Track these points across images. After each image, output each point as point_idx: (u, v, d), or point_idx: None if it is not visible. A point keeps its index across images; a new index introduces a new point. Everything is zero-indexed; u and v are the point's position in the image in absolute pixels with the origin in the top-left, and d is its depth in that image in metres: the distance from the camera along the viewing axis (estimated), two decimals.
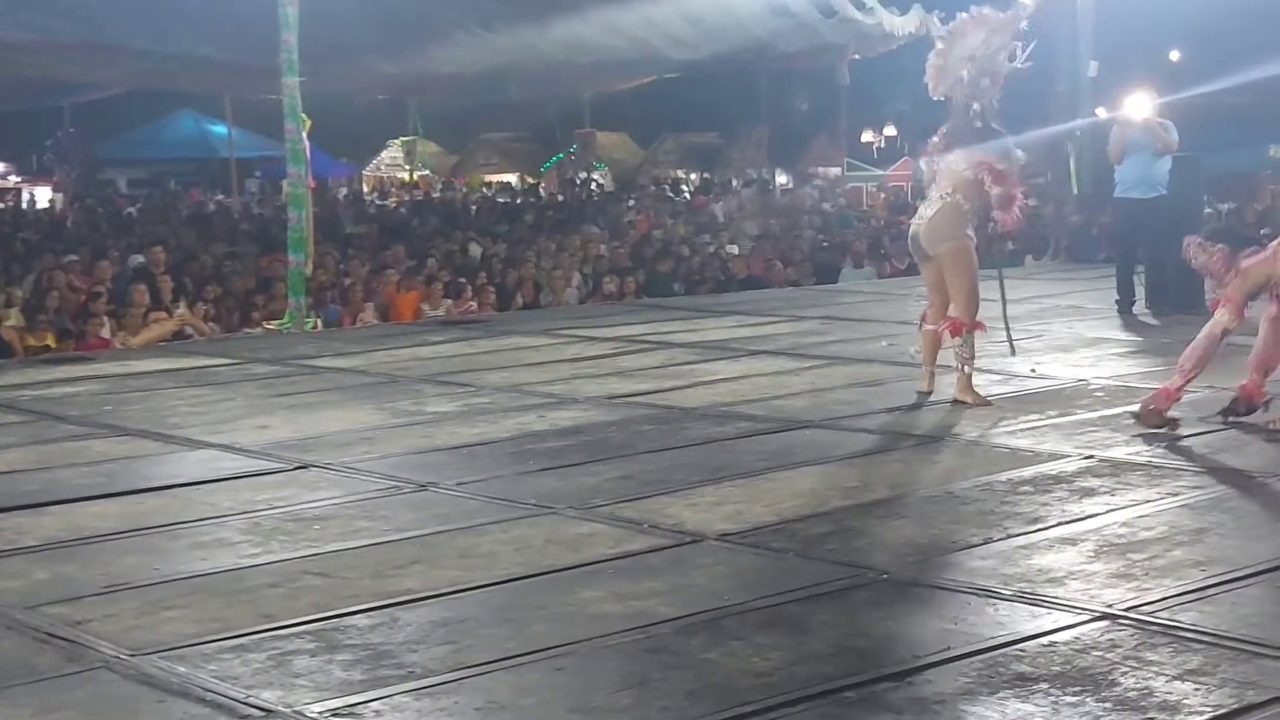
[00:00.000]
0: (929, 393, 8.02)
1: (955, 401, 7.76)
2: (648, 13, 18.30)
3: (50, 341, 11.87)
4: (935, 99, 8.19)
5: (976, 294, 7.99)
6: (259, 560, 5.15)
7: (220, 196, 28.24)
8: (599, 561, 5.02)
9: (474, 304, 14.28)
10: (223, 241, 18.31)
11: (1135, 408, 7.12)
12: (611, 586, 4.72)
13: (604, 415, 7.80)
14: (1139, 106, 11.61)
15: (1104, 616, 4.30)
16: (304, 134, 12.42)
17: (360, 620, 4.46)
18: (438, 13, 18.40)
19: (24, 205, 29.62)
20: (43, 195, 32.70)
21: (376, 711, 3.78)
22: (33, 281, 14.25)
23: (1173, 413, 7.01)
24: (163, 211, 24.13)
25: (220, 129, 29.72)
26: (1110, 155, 11.92)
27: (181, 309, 12.53)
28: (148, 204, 26.20)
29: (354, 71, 20.73)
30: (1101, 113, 18.59)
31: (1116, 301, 11.57)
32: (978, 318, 7.93)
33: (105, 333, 12.19)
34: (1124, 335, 10.50)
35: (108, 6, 16.41)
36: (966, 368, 7.81)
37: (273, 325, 12.49)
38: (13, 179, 38.21)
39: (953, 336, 7.83)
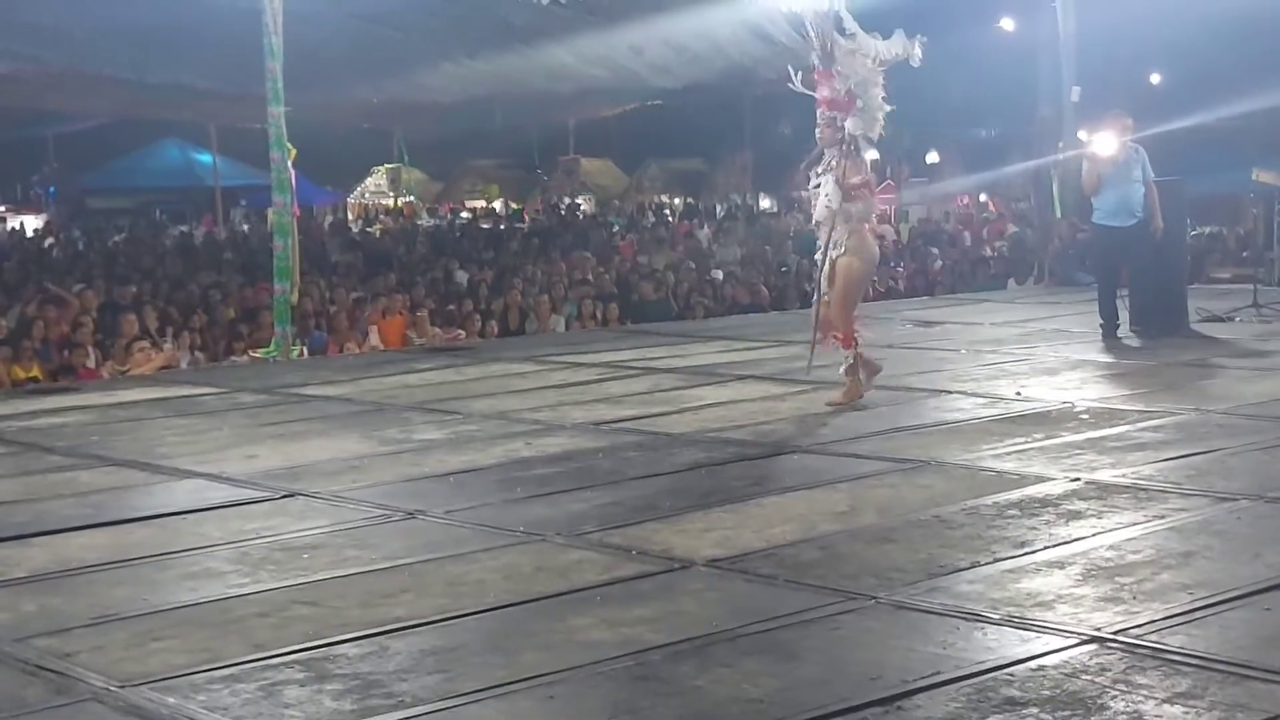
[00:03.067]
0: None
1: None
2: (631, 40, 18.37)
3: (36, 373, 11.86)
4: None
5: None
6: (248, 590, 5.14)
7: (207, 228, 28.19)
8: (588, 589, 5.02)
9: (462, 332, 14.30)
10: (208, 271, 18.29)
11: None
12: (601, 613, 4.72)
13: (591, 442, 7.80)
14: (1106, 143, 11.67)
15: (1093, 640, 4.31)
16: (289, 163, 12.43)
17: (350, 649, 4.45)
18: (422, 41, 18.44)
19: (9, 233, 29.53)
20: (28, 224, 32.62)
21: None
22: (17, 312, 14.22)
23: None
24: (149, 242, 24.10)
25: (205, 157, 29.76)
26: (1085, 188, 11.95)
27: (168, 345, 12.54)
28: (132, 234, 26.16)
29: (338, 99, 20.77)
30: (1084, 136, 18.70)
31: (1100, 326, 11.62)
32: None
33: (90, 363, 12.18)
34: (1108, 358, 10.53)
35: (92, 36, 16.44)
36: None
37: (259, 354, 12.48)
38: None
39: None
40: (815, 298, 8.90)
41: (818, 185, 8.56)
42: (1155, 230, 11.52)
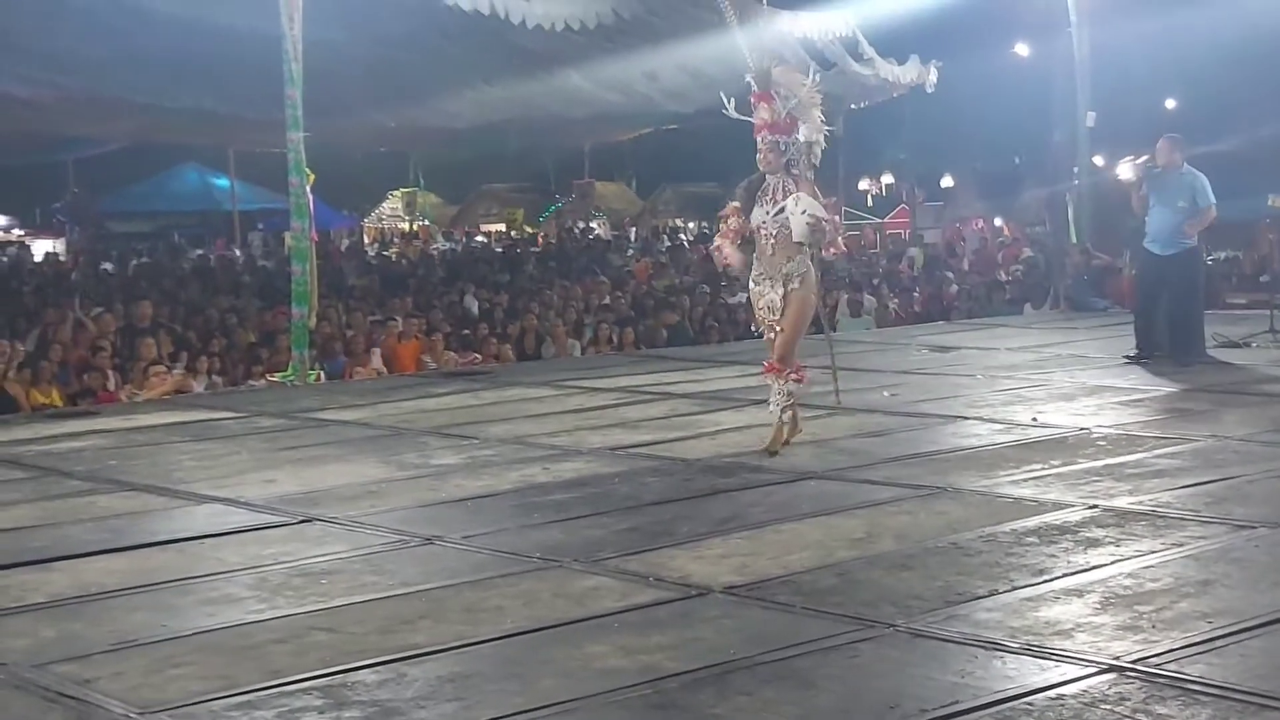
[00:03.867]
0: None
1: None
2: (646, 66, 18.43)
3: (56, 397, 11.91)
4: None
5: None
6: (266, 616, 5.15)
7: (219, 251, 28.28)
8: (605, 615, 5.02)
9: (478, 356, 14.33)
10: (226, 294, 18.36)
11: None
12: (618, 640, 4.73)
13: (608, 467, 7.81)
14: (1124, 169, 11.69)
15: (1112, 669, 4.30)
16: (308, 188, 12.49)
17: (368, 676, 4.46)
18: (438, 67, 18.52)
19: (31, 257, 29.66)
20: (46, 248, 32.76)
21: None
22: (37, 335, 14.30)
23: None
24: (167, 265, 24.19)
25: (223, 182, 29.91)
26: (1134, 208, 11.89)
27: (179, 370, 12.59)
28: (151, 258, 26.27)
29: (355, 124, 20.88)
30: (1099, 162, 18.72)
31: (1138, 348, 11.55)
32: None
33: (110, 386, 12.23)
34: (1126, 384, 10.51)
35: (113, 62, 16.54)
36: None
37: (276, 378, 12.52)
38: (16, 232, 38.33)
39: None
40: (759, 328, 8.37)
41: (780, 211, 7.81)
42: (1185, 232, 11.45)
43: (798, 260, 7.89)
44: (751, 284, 8.11)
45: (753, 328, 8.44)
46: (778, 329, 7.98)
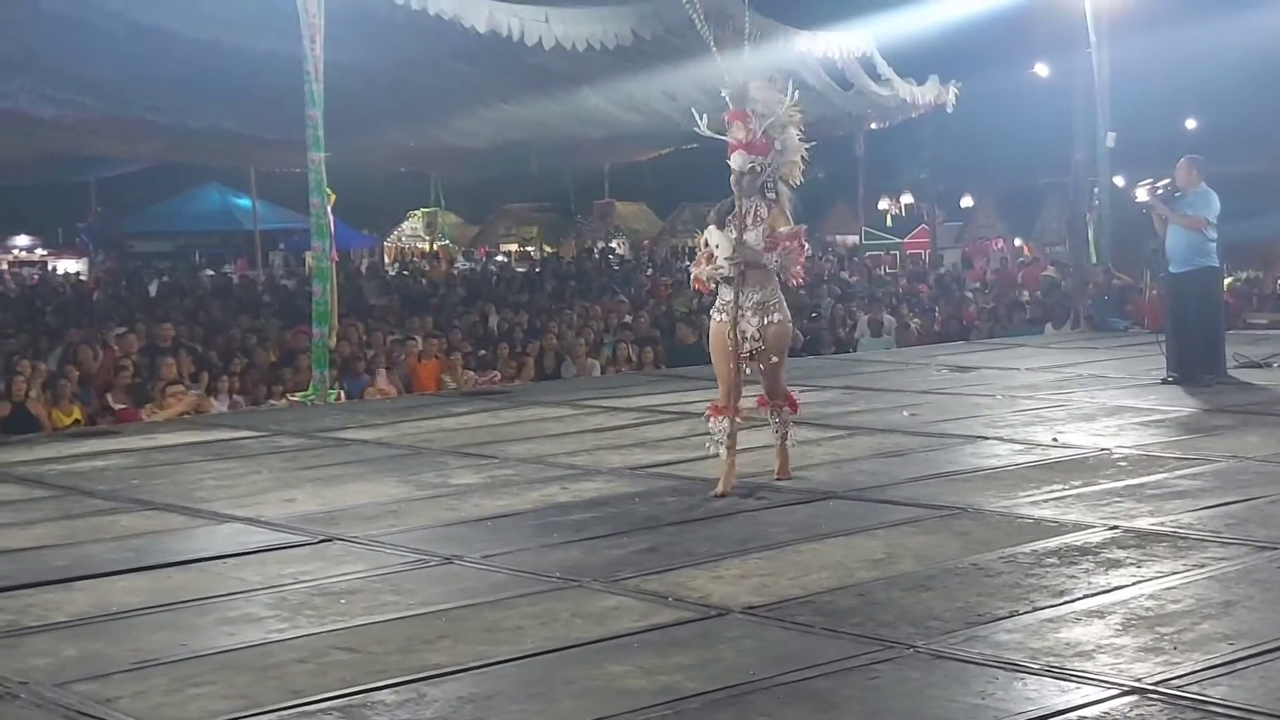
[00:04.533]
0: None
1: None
2: (666, 85, 18.47)
3: (78, 416, 11.96)
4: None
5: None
6: (286, 635, 5.16)
7: (244, 271, 28.41)
8: (625, 635, 5.02)
9: (497, 375, 14.36)
10: (247, 314, 18.44)
11: None
12: (638, 660, 4.72)
13: (628, 487, 7.82)
14: (1140, 192, 11.68)
15: (1133, 691, 4.29)
16: (329, 208, 12.55)
17: (388, 696, 4.47)
18: (458, 87, 18.60)
19: (54, 276, 29.84)
20: (70, 268, 32.98)
21: None
22: (59, 355, 14.37)
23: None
24: (188, 285, 24.31)
25: (245, 202, 30.03)
26: (1156, 228, 11.87)
27: (195, 390, 12.64)
28: (173, 278, 26.41)
29: (376, 144, 20.95)
30: (1119, 182, 18.70)
31: (1173, 370, 11.52)
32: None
33: (130, 405, 12.28)
34: (1146, 404, 10.47)
35: (135, 82, 16.64)
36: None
37: (297, 397, 12.56)
38: (39, 252, 38.54)
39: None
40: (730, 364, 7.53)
41: (751, 234, 7.39)
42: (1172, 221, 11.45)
43: (769, 289, 7.48)
44: (715, 313, 7.61)
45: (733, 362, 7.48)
46: (759, 365, 7.53)
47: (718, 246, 7.48)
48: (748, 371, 7.59)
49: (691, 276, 7.97)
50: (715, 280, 7.57)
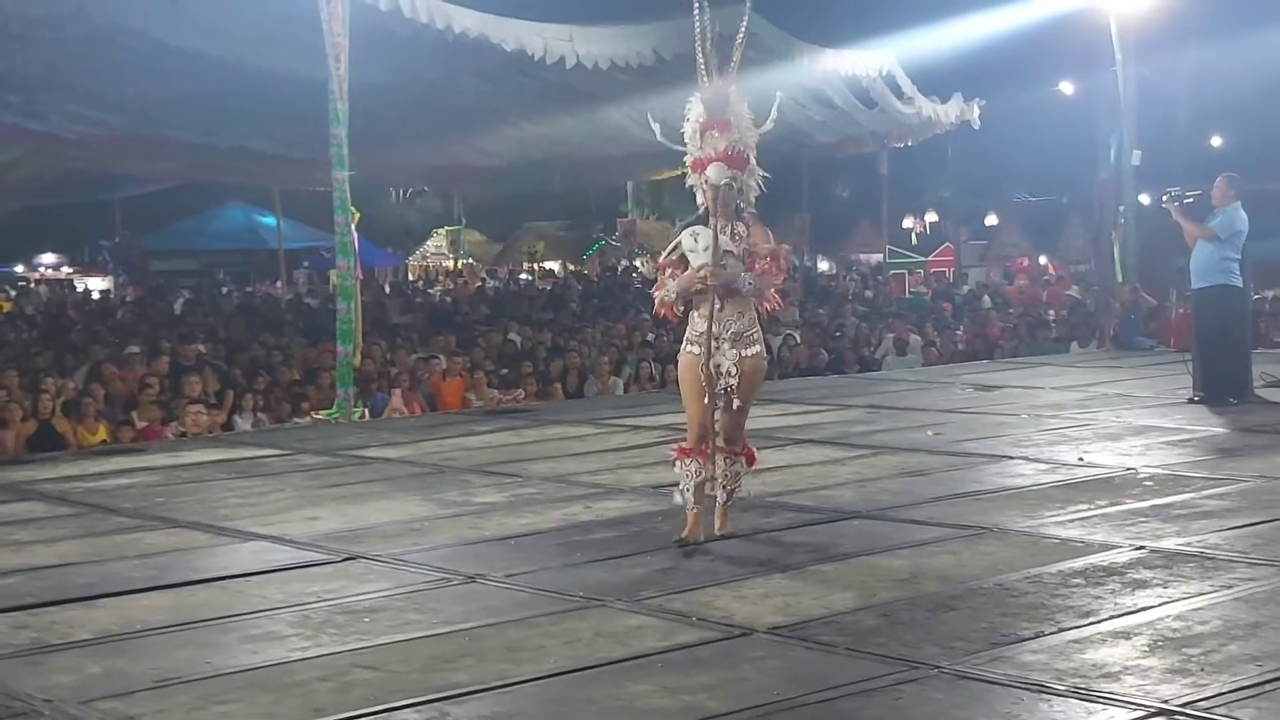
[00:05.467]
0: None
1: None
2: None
3: (103, 435, 12.01)
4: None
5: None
6: (309, 654, 5.16)
7: (270, 289, 28.51)
8: (648, 655, 5.00)
9: (520, 393, 14.36)
10: (271, 332, 18.49)
11: None
12: (661, 680, 4.71)
13: (651, 506, 7.79)
14: (1163, 197, 11.66)
15: (1160, 713, 4.25)
16: (353, 226, 12.59)
17: (410, 715, 4.46)
18: (481, 106, 18.66)
19: (79, 295, 29.99)
20: (94, 286, 33.16)
21: None
22: (85, 373, 14.42)
23: None
24: (211, 303, 24.41)
25: (269, 220, 30.15)
26: (1187, 241, 11.84)
27: (215, 411, 12.69)
28: (196, 296, 26.52)
29: (400, 163, 21.03)
30: (1144, 200, 18.62)
31: (1200, 389, 11.46)
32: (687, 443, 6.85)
33: (155, 423, 12.32)
34: (1172, 423, 10.42)
35: (162, 102, 16.76)
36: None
37: (321, 415, 12.59)
38: (65, 270, 38.76)
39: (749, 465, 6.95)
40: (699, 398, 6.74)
41: (726, 251, 6.60)
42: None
43: (749, 318, 6.72)
44: (688, 345, 6.76)
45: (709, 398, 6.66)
46: (732, 401, 6.69)
47: (706, 249, 6.54)
48: (719, 405, 6.71)
49: (656, 301, 6.81)
50: (684, 301, 6.70)
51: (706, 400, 6.68)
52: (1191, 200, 11.66)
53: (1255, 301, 17.22)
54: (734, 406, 6.71)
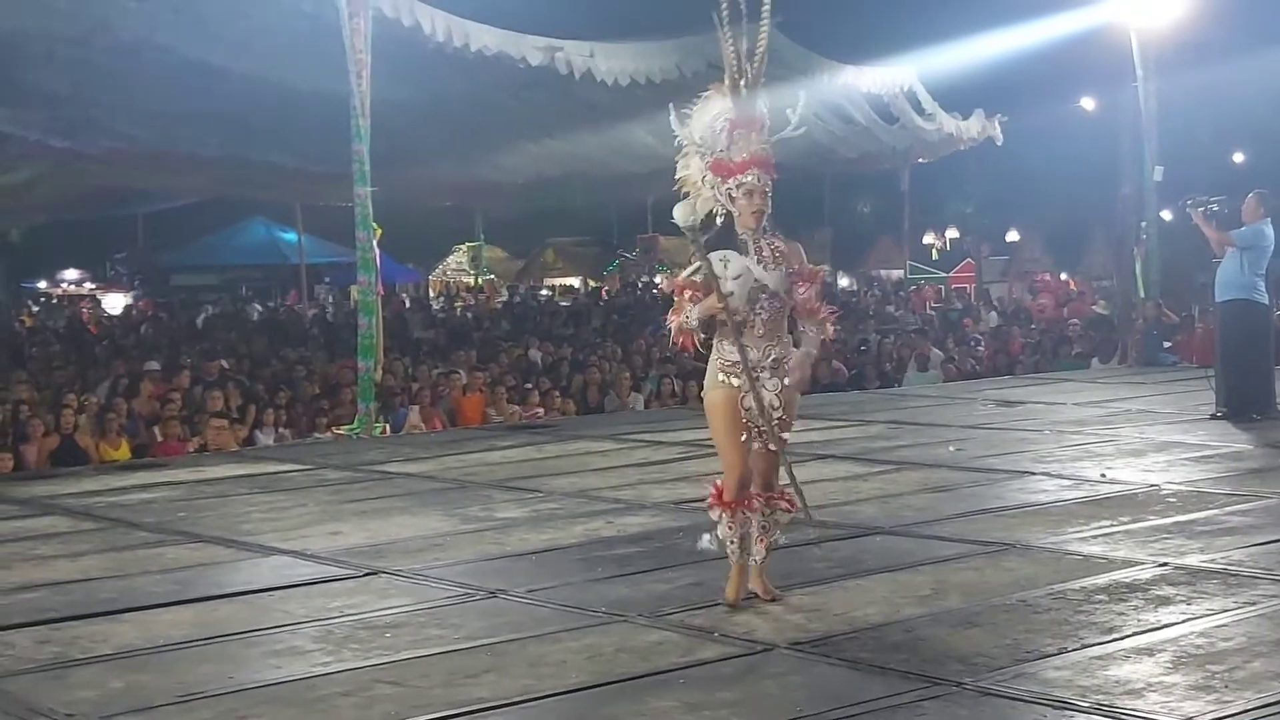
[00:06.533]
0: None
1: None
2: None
3: (125, 450, 12.05)
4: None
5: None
6: (331, 669, 5.16)
7: (293, 304, 28.61)
8: (670, 670, 5.00)
9: (540, 410, 14.36)
10: (292, 347, 18.55)
11: None
12: (683, 696, 4.70)
13: (672, 521, 7.79)
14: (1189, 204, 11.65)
15: None
16: (374, 242, 12.62)
17: None
18: (502, 123, 18.70)
19: (102, 310, 30.13)
20: (117, 302, 33.30)
21: None
22: (107, 388, 14.48)
23: None
24: (233, 318, 24.50)
25: (290, 236, 30.26)
26: (1215, 250, 11.81)
27: (238, 426, 12.74)
28: (219, 311, 26.63)
29: (421, 179, 21.07)
30: (1167, 216, 18.58)
31: (1222, 405, 11.40)
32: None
33: (177, 438, 12.36)
34: (1195, 440, 10.38)
35: (183, 117, 16.84)
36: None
37: (342, 430, 12.62)
38: (88, 286, 38.94)
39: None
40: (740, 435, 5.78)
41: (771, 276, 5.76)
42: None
43: (787, 342, 5.87)
44: (721, 377, 5.78)
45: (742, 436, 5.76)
46: (775, 437, 5.76)
47: (737, 278, 5.67)
48: (768, 446, 5.79)
49: (673, 328, 5.83)
50: (705, 329, 5.78)
51: (744, 438, 5.75)
52: (1216, 207, 11.64)
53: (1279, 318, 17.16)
54: (780, 444, 5.77)
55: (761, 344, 5.76)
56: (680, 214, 5.75)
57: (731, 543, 5.86)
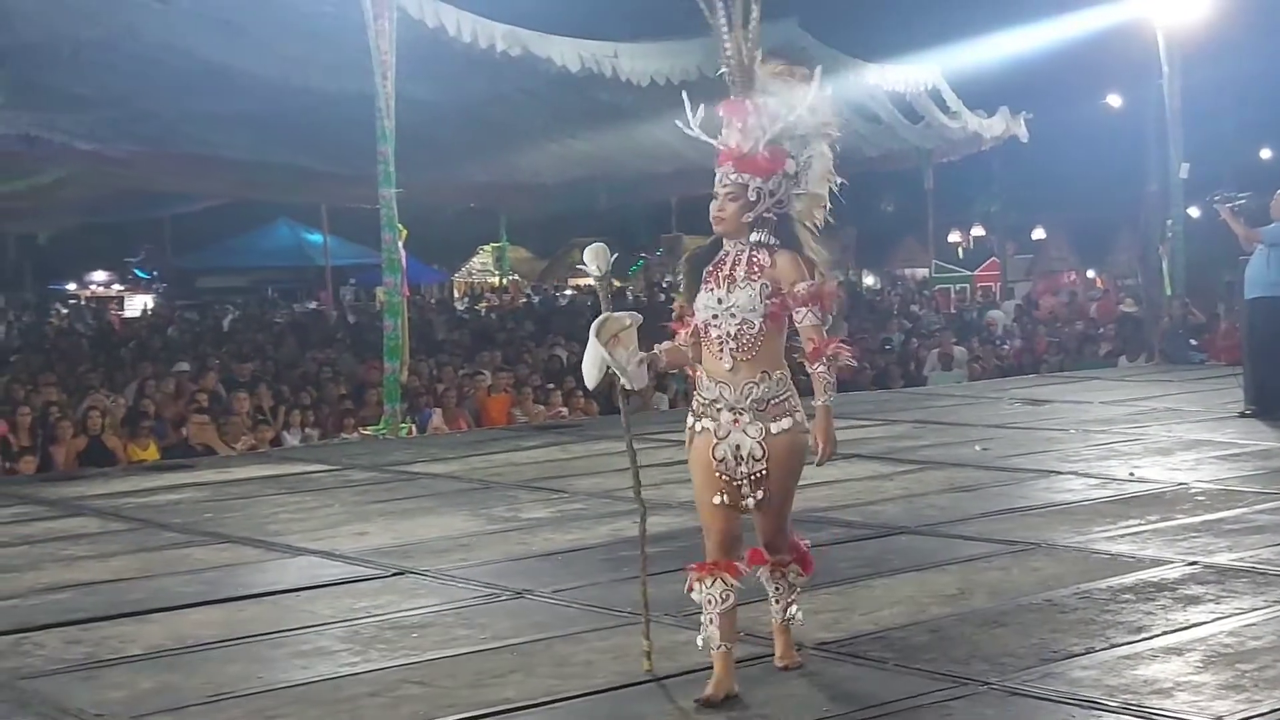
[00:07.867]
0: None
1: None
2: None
3: (153, 451, 12.11)
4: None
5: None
6: (358, 669, 5.18)
7: (321, 305, 28.70)
8: (697, 670, 4.99)
9: (564, 410, 14.38)
10: (319, 348, 18.61)
11: None
12: None
13: (697, 521, 7.75)
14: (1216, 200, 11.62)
15: None
16: (400, 243, 12.65)
17: None
18: (527, 124, 18.72)
19: (126, 312, 30.27)
20: (141, 303, 33.46)
21: None
22: (135, 389, 14.56)
23: None
24: (259, 319, 24.59)
25: (316, 237, 30.35)
26: (1243, 245, 11.77)
27: (265, 428, 12.80)
28: (245, 313, 26.73)
29: (446, 180, 21.11)
30: (1193, 213, 18.49)
31: (1251, 403, 11.34)
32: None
33: (205, 440, 12.42)
34: (1224, 438, 10.32)
35: (208, 119, 16.90)
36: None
37: (368, 431, 12.66)
38: (115, 288, 39.12)
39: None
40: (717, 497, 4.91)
41: (730, 299, 4.69)
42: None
43: (776, 378, 4.72)
44: (693, 420, 4.95)
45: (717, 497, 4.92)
46: (754, 495, 4.79)
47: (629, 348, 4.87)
48: (748, 505, 4.84)
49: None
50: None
51: (723, 497, 4.83)
52: (1243, 202, 11.59)
53: None
54: (771, 499, 4.79)
55: (737, 381, 4.70)
56: (590, 258, 4.93)
57: (710, 621, 4.73)
